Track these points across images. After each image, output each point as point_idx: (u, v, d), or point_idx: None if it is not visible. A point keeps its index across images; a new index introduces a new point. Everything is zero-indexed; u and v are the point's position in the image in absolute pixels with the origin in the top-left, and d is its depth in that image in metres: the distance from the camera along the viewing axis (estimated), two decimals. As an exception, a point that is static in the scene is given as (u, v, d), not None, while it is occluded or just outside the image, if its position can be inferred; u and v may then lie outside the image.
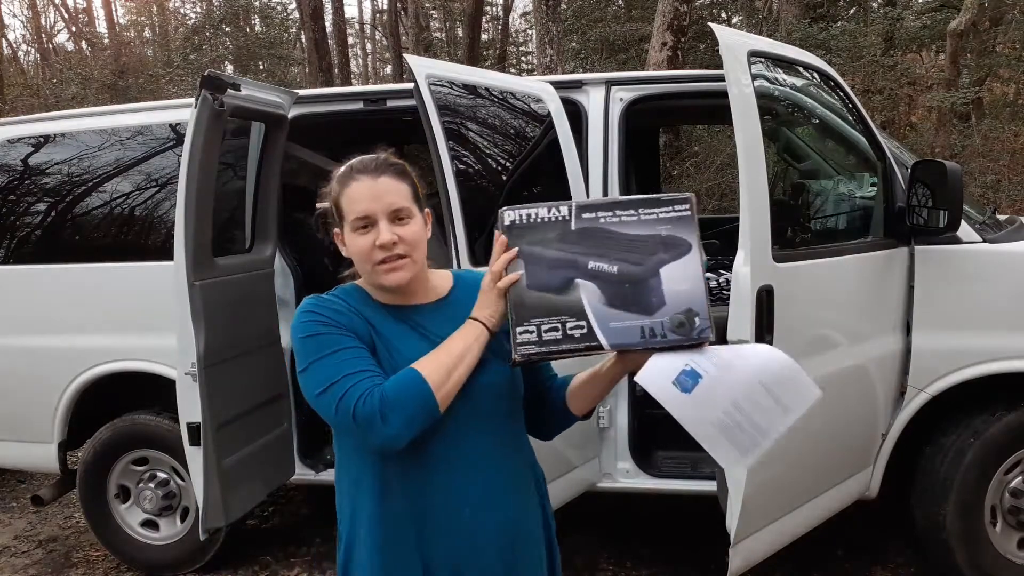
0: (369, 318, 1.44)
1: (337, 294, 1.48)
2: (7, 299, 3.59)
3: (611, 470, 3.23)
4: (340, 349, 1.37)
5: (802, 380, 1.38)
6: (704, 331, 1.33)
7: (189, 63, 14.82)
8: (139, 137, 3.55)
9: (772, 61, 2.78)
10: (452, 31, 21.05)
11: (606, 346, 1.33)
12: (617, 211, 1.37)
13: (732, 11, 14.86)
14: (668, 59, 7.66)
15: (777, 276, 2.46)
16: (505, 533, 1.47)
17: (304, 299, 1.46)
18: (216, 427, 2.96)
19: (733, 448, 1.33)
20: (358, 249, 1.42)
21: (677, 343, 1.34)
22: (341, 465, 1.51)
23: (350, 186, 1.42)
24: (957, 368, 2.84)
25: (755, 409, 1.34)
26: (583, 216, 1.37)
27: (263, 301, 3.38)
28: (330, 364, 1.35)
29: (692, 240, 1.35)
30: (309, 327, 1.40)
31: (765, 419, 1.34)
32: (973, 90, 10.33)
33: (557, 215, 1.38)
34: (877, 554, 3.38)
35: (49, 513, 4.36)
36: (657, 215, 1.36)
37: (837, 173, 3.44)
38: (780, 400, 1.35)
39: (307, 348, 1.39)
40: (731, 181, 8.65)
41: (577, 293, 1.34)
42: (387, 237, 1.39)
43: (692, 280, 1.34)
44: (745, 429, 1.33)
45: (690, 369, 1.33)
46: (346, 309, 1.43)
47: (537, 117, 3.18)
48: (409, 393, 1.31)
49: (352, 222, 1.41)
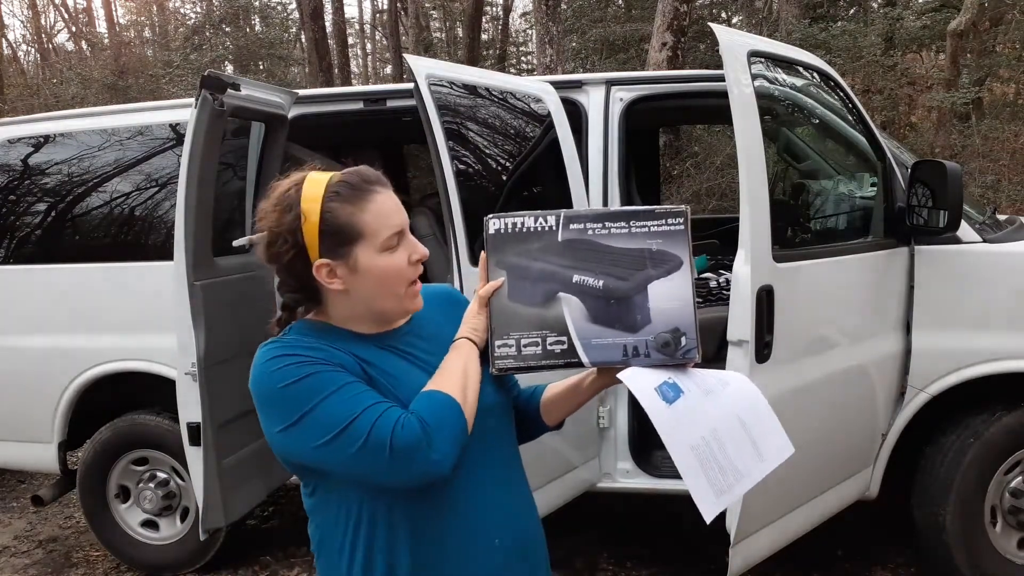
0: (354, 351, 1.26)
1: (299, 333, 1.28)
2: (7, 299, 3.59)
3: (611, 470, 3.23)
4: (344, 385, 1.19)
5: (779, 432, 1.34)
6: (690, 351, 1.28)
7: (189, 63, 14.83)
8: (139, 137, 3.55)
9: (772, 61, 2.78)
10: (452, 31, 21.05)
11: (587, 363, 1.29)
12: (607, 223, 1.31)
13: (732, 11, 14.87)
14: (668, 59, 7.66)
15: (777, 276, 2.46)
16: (529, 552, 1.40)
17: (260, 349, 1.26)
18: (216, 427, 2.96)
19: (708, 484, 1.26)
20: (394, 270, 1.26)
21: (660, 363, 1.29)
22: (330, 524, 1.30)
23: (374, 200, 1.25)
24: (957, 368, 2.84)
25: (732, 444, 1.28)
26: (571, 227, 1.31)
27: (263, 301, 3.37)
28: (338, 403, 1.17)
29: (683, 256, 1.29)
30: (290, 372, 1.19)
31: (741, 460, 1.29)
32: (973, 90, 10.32)
33: (544, 225, 1.32)
34: (877, 554, 3.38)
35: (49, 513, 4.36)
36: (649, 228, 1.30)
37: (837, 173, 3.44)
38: (756, 443, 1.31)
39: (297, 395, 1.18)
40: (731, 181, 8.65)
41: (560, 308, 1.29)
42: (424, 249, 1.29)
43: (681, 299, 1.28)
44: (720, 464, 1.27)
45: (672, 383, 1.29)
46: (321, 345, 1.24)
47: (537, 117, 3.18)
48: (445, 413, 1.19)
49: (385, 241, 1.24)
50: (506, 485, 1.37)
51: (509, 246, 1.32)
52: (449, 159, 2.63)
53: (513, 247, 1.32)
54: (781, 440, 1.34)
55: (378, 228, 1.24)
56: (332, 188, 1.24)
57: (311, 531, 1.36)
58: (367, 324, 1.32)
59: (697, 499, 1.26)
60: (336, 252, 1.24)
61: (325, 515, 1.31)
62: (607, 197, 3.22)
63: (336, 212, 1.23)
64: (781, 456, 1.33)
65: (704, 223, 5.19)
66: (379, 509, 1.26)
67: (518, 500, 1.40)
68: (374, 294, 1.27)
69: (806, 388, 2.60)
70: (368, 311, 1.30)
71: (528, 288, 1.31)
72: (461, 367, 1.27)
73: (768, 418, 1.33)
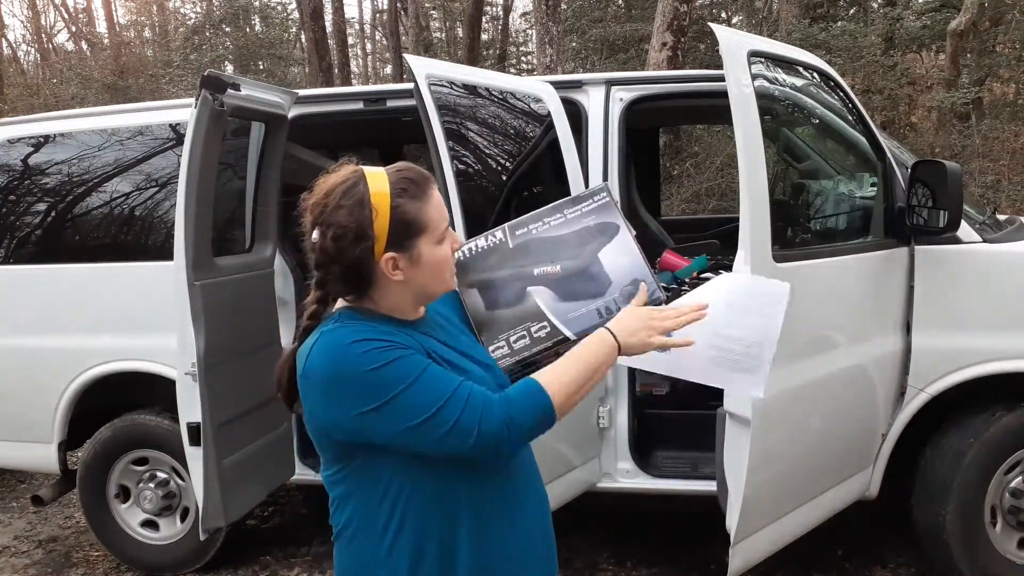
0: (411, 337, 1.31)
1: (356, 319, 1.30)
2: (7, 299, 3.59)
3: (611, 470, 3.23)
4: (427, 368, 1.24)
5: (764, 284, 1.47)
6: (654, 293, 1.42)
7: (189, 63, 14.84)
8: (139, 137, 3.55)
9: (772, 61, 2.78)
10: (452, 31, 21.05)
11: (571, 336, 1.42)
12: (545, 219, 1.50)
13: (732, 11, 14.87)
14: (668, 59, 7.66)
15: (777, 276, 2.44)
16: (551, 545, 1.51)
17: (323, 335, 1.26)
18: (216, 427, 2.96)
19: (739, 372, 1.38)
20: (446, 258, 1.33)
21: None
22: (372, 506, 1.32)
23: (433, 195, 1.32)
24: (957, 368, 2.84)
25: (740, 329, 1.40)
26: (516, 233, 1.50)
27: (263, 301, 3.38)
28: (427, 387, 1.22)
29: (618, 220, 1.48)
30: (376, 356, 1.22)
31: (753, 331, 1.40)
32: (973, 90, 10.31)
33: (494, 240, 1.50)
34: (877, 554, 3.38)
35: (49, 513, 4.35)
36: (581, 210, 1.49)
37: (837, 173, 3.45)
38: (758, 310, 1.42)
39: (385, 379, 1.21)
40: (731, 181, 8.64)
41: (532, 299, 1.45)
42: (460, 237, 1.41)
43: (629, 254, 1.45)
44: (738, 350, 1.39)
45: None
46: (388, 332, 1.27)
47: (537, 117, 3.18)
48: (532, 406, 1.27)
49: (442, 233, 1.32)
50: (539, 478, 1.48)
51: (472, 268, 1.48)
52: (449, 159, 2.63)
53: (476, 267, 1.48)
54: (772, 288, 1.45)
55: (439, 221, 1.32)
56: (397, 184, 1.29)
57: (340, 518, 1.36)
58: (410, 310, 1.37)
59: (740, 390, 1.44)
60: (402, 245, 1.28)
61: (364, 499, 1.32)
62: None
63: (405, 207, 1.28)
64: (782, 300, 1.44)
65: (704, 223, 5.20)
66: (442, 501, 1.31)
67: (547, 508, 1.49)
68: (429, 281, 1.34)
69: (806, 388, 2.60)
70: (415, 297, 1.36)
71: (500, 295, 1.46)
72: (592, 363, 1.32)
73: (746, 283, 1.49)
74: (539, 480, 1.47)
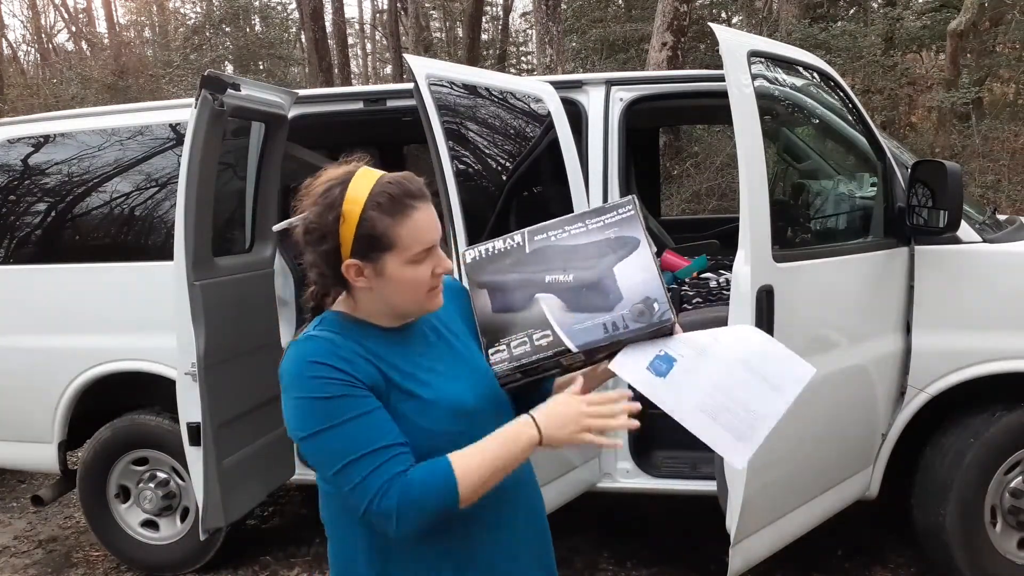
0: (377, 352, 1.31)
1: (333, 328, 1.31)
2: (7, 299, 3.59)
3: (611, 470, 3.23)
4: (356, 416, 1.23)
5: (788, 358, 1.35)
6: (664, 314, 1.35)
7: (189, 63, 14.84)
8: (139, 137, 3.55)
9: (772, 61, 2.78)
10: (452, 31, 21.06)
11: (573, 348, 1.37)
12: (565, 227, 1.45)
13: (732, 11, 14.86)
14: (668, 59, 7.66)
15: (777, 276, 2.46)
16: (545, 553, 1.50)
17: (298, 342, 1.29)
18: (216, 427, 2.96)
19: (727, 433, 1.29)
20: (416, 280, 1.29)
21: (641, 331, 1.36)
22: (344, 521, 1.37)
23: (412, 216, 1.27)
24: (957, 368, 2.84)
25: (742, 390, 1.31)
26: (535, 239, 1.45)
27: (263, 301, 3.38)
28: (348, 436, 1.22)
29: (639, 235, 1.41)
30: (317, 386, 1.23)
31: (756, 401, 1.31)
32: (973, 90, 10.32)
33: (512, 244, 1.46)
34: (877, 554, 3.38)
35: (49, 513, 4.35)
36: (604, 221, 1.43)
37: (837, 173, 3.44)
38: (768, 379, 1.32)
39: (315, 411, 1.23)
40: (731, 181, 8.65)
41: (539, 306, 1.40)
42: (450, 263, 1.32)
43: (646, 271, 1.38)
44: (736, 412, 1.29)
45: (664, 354, 1.35)
46: (352, 354, 1.27)
47: (537, 117, 3.18)
48: (432, 494, 1.22)
49: (415, 255, 1.28)
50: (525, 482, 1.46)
51: (484, 269, 1.45)
52: (449, 159, 2.63)
53: (489, 268, 1.45)
54: (796, 366, 1.34)
55: (410, 243, 1.28)
56: (375, 196, 1.27)
57: (325, 514, 1.42)
58: (388, 319, 1.37)
59: (720, 450, 1.30)
60: (367, 256, 1.27)
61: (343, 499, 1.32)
62: (607, 197, 3.22)
63: (374, 221, 1.26)
64: (801, 381, 1.34)
65: (704, 223, 5.20)
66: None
67: (534, 496, 1.48)
68: (397, 299, 1.32)
69: (806, 388, 2.58)
70: (388, 309, 1.35)
71: (508, 298, 1.42)
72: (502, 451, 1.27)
73: (775, 351, 1.35)
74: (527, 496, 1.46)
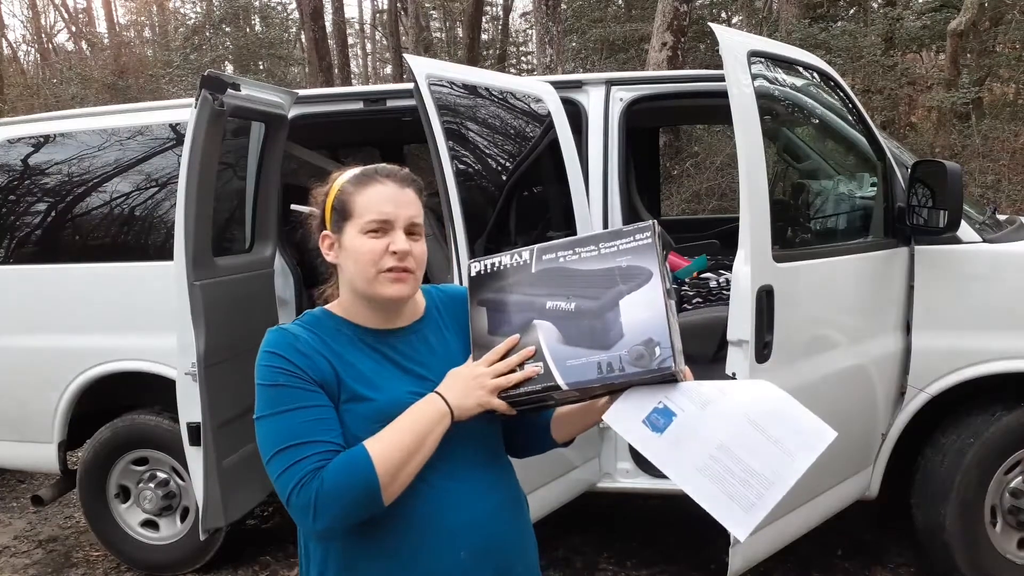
0: (339, 351, 1.33)
1: (305, 323, 1.37)
2: (7, 299, 3.59)
3: (611, 470, 3.22)
4: (296, 408, 1.26)
5: (805, 419, 1.20)
6: (665, 361, 1.22)
7: (189, 63, 14.84)
8: (139, 137, 3.55)
9: (772, 61, 2.78)
10: (452, 31, 21.06)
11: (563, 385, 1.26)
12: (576, 248, 1.34)
13: (732, 11, 14.86)
14: (668, 59, 7.66)
15: (777, 276, 2.46)
16: (499, 559, 1.38)
17: (269, 331, 1.35)
18: (216, 427, 2.96)
19: (731, 502, 1.15)
20: (366, 251, 1.31)
21: (637, 377, 1.24)
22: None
23: (372, 187, 1.34)
24: (957, 368, 2.84)
25: (748, 454, 1.16)
26: (543, 258, 1.35)
27: (263, 301, 3.38)
28: (283, 426, 1.25)
29: (652, 268, 1.28)
30: (268, 373, 1.29)
31: (765, 466, 1.16)
32: (973, 90, 10.32)
33: (519, 261, 1.36)
34: (877, 554, 3.38)
35: (49, 513, 4.35)
36: (618, 247, 1.31)
37: (837, 173, 3.44)
38: (779, 442, 1.17)
39: (264, 397, 1.29)
40: (731, 181, 8.65)
41: (535, 334, 1.30)
42: (404, 245, 1.31)
43: (652, 308, 1.25)
44: (740, 477, 1.15)
45: (663, 407, 1.21)
46: (311, 349, 1.31)
47: (537, 117, 3.18)
48: (350, 484, 1.21)
49: (366, 223, 1.32)
50: (479, 492, 1.37)
51: (487, 284, 1.37)
52: (449, 159, 2.63)
53: (492, 284, 1.37)
54: (813, 428, 1.19)
55: (363, 211, 1.33)
56: (355, 173, 1.38)
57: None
58: (361, 312, 1.38)
59: (723, 520, 1.16)
60: (337, 226, 1.36)
61: None
62: (607, 197, 3.22)
63: (344, 191, 1.37)
64: (817, 445, 1.19)
65: (704, 223, 5.19)
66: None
67: (491, 507, 1.38)
68: (351, 273, 1.35)
69: (806, 388, 2.59)
70: (354, 293, 1.37)
71: (505, 319, 1.33)
72: (420, 429, 1.26)
73: (790, 411, 1.21)
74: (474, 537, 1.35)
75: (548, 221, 3.32)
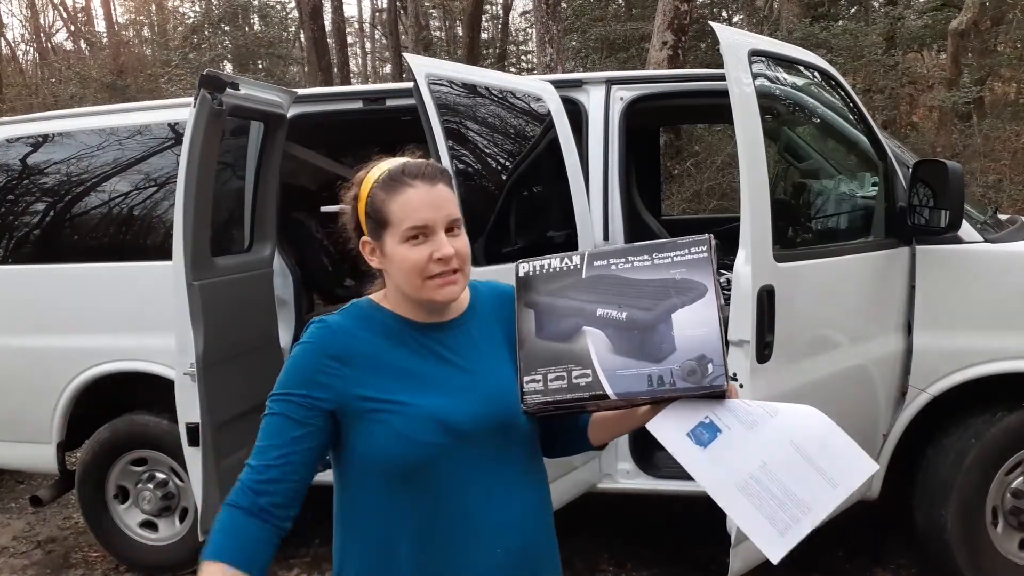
0: (378, 349, 1.34)
1: (351, 313, 1.38)
2: (7, 299, 3.58)
3: (611, 471, 3.22)
4: (279, 415, 1.31)
5: (850, 450, 1.20)
6: (717, 379, 1.23)
7: (188, 62, 14.80)
8: (138, 137, 3.54)
9: (773, 60, 2.78)
10: (452, 30, 21.04)
11: (611, 395, 1.26)
12: (629, 257, 1.32)
13: (733, 10, 14.86)
14: (668, 58, 7.64)
15: (778, 276, 2.45)
16: (532, 561, 1.41)
17: (313, 324, 1.37)
18: (215, 427, 2.95)
19: (767, 522, 1.15)
20: (412, 262, 1.29)
21: (687, 391, 1.24)
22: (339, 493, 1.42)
23: (405, 192, 1.30)
24: (958, 368, 2.84)
25: (790, 477, 1.17)
26: (595, 264, 1.34)
27: (262, 301, 3.37)
28: (269, 422, 1.33)
29: (708, 283, 1.27)
30: (286, 366, 1.34)
31: (805, 489, 1.17)
32: (974, 89, 10.32)
33: (569, 264, 1.35)
34: (877, 554, 3.38)
35: (48, 514, 4.35)
36: (672, 259, 1.30)
37: (838, 173, 3.44)
38: (823, 470, 1.18)
39: (278, 379, 1.34)
40: (731, 181, 8.63)
41: (584, 341, 1.29)
42: (449, 250, 1.29)
43: (707, 325, 1.25)
44: (779, 499, 1.16)
45: (709, 422, 1.22)
46: (339, 350, 1.32)
47: (537, 116, 3.17)
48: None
49: (405, 231, 1.29)
50: (517, 491, 1.38)
51: (535, 287, 1.35)
52: (449, 159, 2.62)
53: (541, 287, 1.35)
54: (856, 459, 1.21)
55: (401, 219, 1.30)
56: (386, 174, 1.34)
57: (335, 500, 1.44)
58: (413, 310, 1.38)
59: (758, 542, 1.16)
60: (375, 233, 1.34)
61: (339, 489, 1.40)
62: (607, 196, 3.21)
63: (375, 198, 1.33)
64: (859, 477, 1.20)
65: (705, 223, 5.18)
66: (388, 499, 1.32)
67: (527, 507, 1.40)
68: (400, 280, 1.34)
69: (807, 388, 2.59)
70: (402, 296, 1.37)
71: (555, 324, 1.32)
72: None
73: (837, 442, 1.21)
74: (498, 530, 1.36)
75: (548, 220, 3.32)
